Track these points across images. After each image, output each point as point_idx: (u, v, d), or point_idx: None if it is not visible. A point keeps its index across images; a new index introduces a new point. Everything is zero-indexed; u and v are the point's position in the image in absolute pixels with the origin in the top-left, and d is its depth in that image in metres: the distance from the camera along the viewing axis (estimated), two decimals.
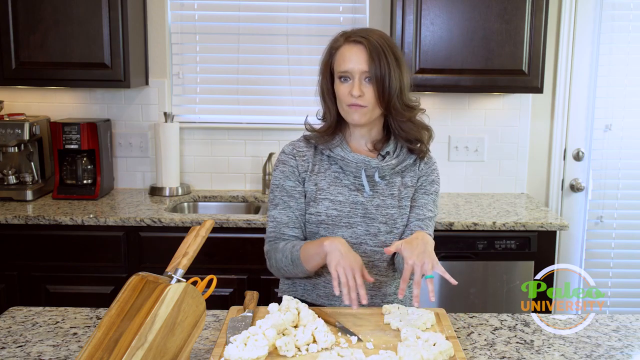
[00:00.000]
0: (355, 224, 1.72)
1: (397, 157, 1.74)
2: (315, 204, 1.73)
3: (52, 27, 2.72)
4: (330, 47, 1.72)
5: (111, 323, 1.22)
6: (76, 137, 2.85)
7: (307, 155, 1.77)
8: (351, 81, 1.66)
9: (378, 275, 1.76)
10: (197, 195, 3.07)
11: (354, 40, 1.66)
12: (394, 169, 1.75)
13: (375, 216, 1.72)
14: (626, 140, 3.16)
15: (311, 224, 1.74)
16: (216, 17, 3.11)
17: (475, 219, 2.62)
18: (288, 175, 1.76)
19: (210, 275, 1.35)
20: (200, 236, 1.34)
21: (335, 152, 1.73)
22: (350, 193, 1.73)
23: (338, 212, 1.72)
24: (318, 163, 1.76)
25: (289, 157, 1.78)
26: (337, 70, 1.68)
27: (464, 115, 3.12)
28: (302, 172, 1.76)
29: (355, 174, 1.73)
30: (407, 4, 2.72)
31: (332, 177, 1.74)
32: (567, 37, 3.07)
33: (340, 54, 1.68)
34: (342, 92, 1.67)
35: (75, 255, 2.59)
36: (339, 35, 1.72)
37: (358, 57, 1.65)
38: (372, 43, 1.64)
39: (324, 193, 1.73)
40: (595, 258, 3.24)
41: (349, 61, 1.65)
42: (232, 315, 1.56)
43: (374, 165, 1.71)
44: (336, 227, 1.72)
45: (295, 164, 1.76)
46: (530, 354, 1.43)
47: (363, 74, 1.65)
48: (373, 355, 1.32)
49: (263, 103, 3.15)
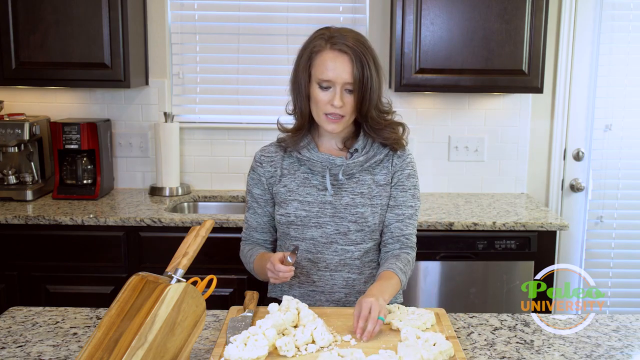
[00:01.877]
0: (324, 224, 1.73)
1: (365, 154, 1.74)
2: (285, 205, 1.75)
3: (52, 27, 2.72)
4: (310, 49, 1.67)
5: (111, 323, 1.22)
6: (76, 137, 2.85)
7: (275, 160, 1.79)
8: (332, 89, 1.64)
9: (350, 273, 1.77)
10: (197, 195, 3.07)
11: (339, 49, 1.63)
12: (362, 166, 1.74)
13: (344, 215, 1.73)
14: (626, 140, 3.15)
15: (282, 224, 1.77)
16: (216, 17, 3.10)
17: (475, 219, 2.62)
18: (256, 183, 1.82)
19: (210, 275, 1.35)
20: (200, 236, 1.34)
21: (302, 153, 1.74)
22: (318, 193, 1.74)
23: (307, 212, 1.73)
24: (288, 166, 1.78)
25: (257, 164, 1.82)
26: (318, 76, 1.65)
27: (464, 115, 3.12)
28: (269, 178, 1.79)
29: (322, 173, 1.74)
30: (407, 4, 2.72)
31: (301, 178, 1.76)
32: (567, 37, 3.07)
33: (322, 59, 1.65)
34: (321, 99, 1.65)
35: (75, 255, 2.59)
36: (318, 37, 1.68)
37: (342, 67, 1.62)
38: (357, 53, 1.62)
39: (293, 194, 1.75)
40: (595, 258, 3.24)
41: (332, 70, 1.63)
42: (232, 315, 1.56)
43: (339, 163, 1.72)
44: (305, 228, 1.74)
45: (262, 172, 1.80)
46: (530, 354, 1.43)
47: (345, 85, 1.63)
48: (373, 355, 1.32)
49: (263, 103, 3.15)
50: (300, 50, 1.72)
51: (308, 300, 1.76)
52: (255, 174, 1.82)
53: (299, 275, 1.78)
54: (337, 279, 1.76)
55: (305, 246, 1.75)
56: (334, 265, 1.75)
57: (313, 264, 1.76)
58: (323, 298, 1.78)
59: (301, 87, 1.69)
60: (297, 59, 1.72)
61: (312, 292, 1.78)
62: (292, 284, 1.79)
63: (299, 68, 1.70)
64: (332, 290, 1.77)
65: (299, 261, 1.76)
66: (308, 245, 1.75)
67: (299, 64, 1.71)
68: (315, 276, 1.76)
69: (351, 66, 1.62)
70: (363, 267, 1.78)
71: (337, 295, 1.78)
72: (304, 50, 1.70)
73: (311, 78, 1.67)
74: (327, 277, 1.76)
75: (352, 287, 1.78)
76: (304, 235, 1.75)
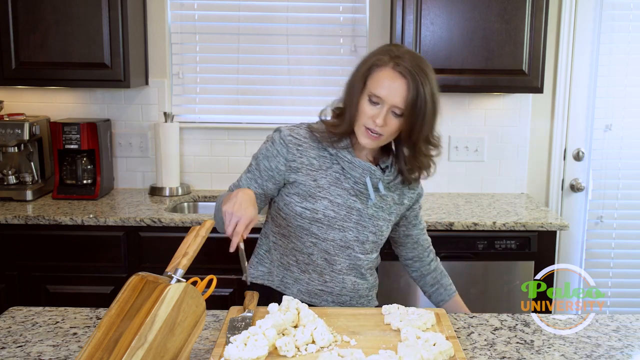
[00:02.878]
0: (347, 229, 1.73)
1: (393, 174, 1.76)
2: (312, 201, 1.71)
3: (52, 27, 2.72)
4: (373, 62, 1.64)
5: (111, 323, 1.22)
6: (76, 137, 2.85)
7: (303, 147, 1.72)
8: (379, 106, 1.61)
9: (357, 278, 1.79)
10: (197, 195, 3.07)
11: (400, 71, 1.59)
12: (388, 184, 1.76)
13: (366, 225, 1.74)
14: (626, 140, 3.16)
15: (304, 218, 1.71)
16: (216, 17, 3.10)
17: (475, 219, 2.62)
18: (271, 157, 1.72)
19: (210, 275, 1.35)
20: (200, 236, 1.34)
21: (342, 153, 1.71)
22: (349, 197, 1.72)
23: (335, 213, 1.71)
24: (319, 159, 1.72)
25: (281, 140, 1.72)
26: (371, 90, 1.62)
27: (464, 115, 3.12)
28: (290, 161, 1.71)
29: (357, 179, 1.72)
30: (407, 4, 2.72)
31: (333, 177, 1.72)
32: (567, 37, 3.07)
33: (380, 75, 1.62)
34: (366, 112, 1.63)
35: (75, 255, 2.59)
36: (385, 51, 1.65)
37: (397, 90, 1.59)
38: (415, 80, 1.58)
39: (323, 192, 1.71)
40: (595, 258, 3.24)
41: (386, 89, 1.60)
42: (232, 315, 1.56)
43: (379, 175, 1.72)
44: (330, 228, 1.72)
45: (284, 151, 1.71)
46: (530, 354, 1.43)
47: (393, 107, 1.61)
48: (373, 355, 1.32)
49: (263, 103, 3.15)
50: (364, 58, 1.69)
51: (314, 299, 1.76)
52: (274, 149, 1.73)
53: (310, 272, 1.75)
54: (347, 282, 1.77)
55: (324, 246, 1.73)
56: (345, 268, 1.76)
57: (329, 265, 1.75)
58: (330, 299, 1.78)
59: (354, 95, 1.66)
60: (358, 66, 1.69)
61: (321, 291, 1.77)
62: (301, 278, 1.77)
63: (356, 76, 1.67)
64: (341, 292, 1.77)
65: (314, 259, 1.74)
66: (327, 246, 1.73)
67: (358, 72, 1.68)
68: (328, 276, 1.76)
69: (406, 92, 1.59)
70: (366, 274, 1.81)
71: (344, 297, 1.78)
72: (366, 61, 1.67)
73: (365, 89, 1.64)
74: (339, 280, 1.76)
75: (357, 291, 1.79)
76: (326, 235, 1.72)
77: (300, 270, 1.76)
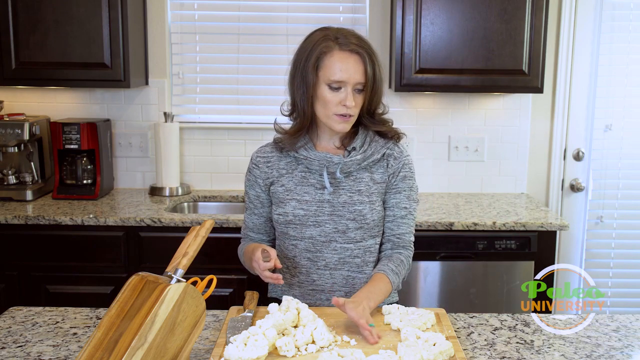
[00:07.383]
0: (323, 222, 1.74)
1: (363, 153, 1.74)
2: (282, 205, 1.75)
3: (52, 27, 2.72)
4: (319, 50, 1.64)
5: (111, 323, 1.22)
6: (76, 137, 2.85)
7: (271, 161, 1.79)
8: (342, 90, 1.64)
9: (350, 272, 1.78)
10: (197, 195, 3.07)
11: (349, 49, 1.63)
12: (360, 164, 1.74)
13: (342, 213, 1.73)
14: (626, 140, 3.15)
15: (280, 224, 1.77)
16: (216, 17, 3.10)
17: (475, 219, 2.62)
18: (252, 184, 1.82)
19: (210, 276, 1.35)
20: (200, 236, 1.34)
21: (299, 152, 1.74)
22: (316, 192, 1.74)
23: (305, 211, 1.73)
24: (285, 166, 1.78)
25: (253, 165, 1.82)
26: (329, 77, 1.64)
27: (464, 115, 3.12)
28: (265, 179, 1.80)
29: (319, 172, 1.74)
30: (407, 3, 2.72)
31: (299, 177, 1.76)
32: (567, 37, 3.07)
33: (332, 61, 1.63)
34: (331, 100, 1.65)
35: (75, 255, 2.59)
36: (323, 38, 1.66)
37: (355, 68, 1.63)
38: (368, 52, 1.65)
39: (291, 194, 1.75)
40: (595, 258, 3.24)
41: (345, 72, 1.63)
42: (232, 315, 1.56)
43: (337, 161, 1.71)
44: (304, 227, 1.74)
45: (258, 173, 1.80)
46: (530, 354, 1.43)
47: (356, 85, 1.65)
48: (373, 355, 1.32)
49: (263, 103, 3.15)
50: (301, 52, 1.69)
51: (309, 300, 1.76)
52: (251, 176, 1.82)
53: (298, 275, 1.78)
54: (337, 277, 1.77)
55: (304, 245, 1.75)
56: (333, 263, 1.76)
57: (312, 263, 1.76)
58: (323, 297, 1.78)
59: (306, 89, 1.67)
60: (299, 60, 1.69)
61: (313, 291, 1.78)
62: (292, 283, 1.79)
63: (303, 70, 1.67)
64: (333, 289, 1.77)
65: (298, 260, 1.76)
66: (307, 244, 1.75)
67: (303, 66, 1.67)
68: (315, 275, 1.77)
69: (363, 66, 1.64)
70: (364, 266, 1.78)
71: (337, 294, 1.78)
72: (308, 52, 1.66)
73: (318, 80, 1.65)
74: (327, 276, 1.76)
75: (353, 285, 1.78)
76: (302, 234, 1.75)
77: (290, 275, 1.80)
